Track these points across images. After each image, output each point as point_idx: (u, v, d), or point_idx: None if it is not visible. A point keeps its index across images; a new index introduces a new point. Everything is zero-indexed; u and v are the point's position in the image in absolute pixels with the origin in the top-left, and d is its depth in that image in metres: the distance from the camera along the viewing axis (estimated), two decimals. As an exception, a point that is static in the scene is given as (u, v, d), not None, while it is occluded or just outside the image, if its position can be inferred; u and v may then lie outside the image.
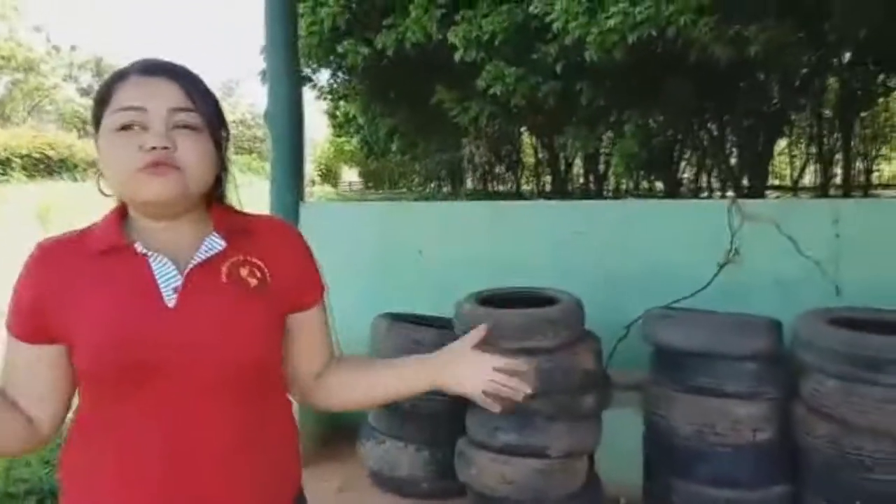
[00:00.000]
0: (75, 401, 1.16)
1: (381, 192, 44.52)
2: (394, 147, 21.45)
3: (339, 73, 16.86)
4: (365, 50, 12.06)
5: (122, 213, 1.16)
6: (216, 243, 1.14)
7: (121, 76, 1.11)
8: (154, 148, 1.05)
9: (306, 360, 1.29)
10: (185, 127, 1.09)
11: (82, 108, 44.55)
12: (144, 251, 1.10)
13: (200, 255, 1.12)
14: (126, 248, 1.10)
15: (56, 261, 1.11)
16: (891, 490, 2.53)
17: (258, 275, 1.16)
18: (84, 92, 47.58)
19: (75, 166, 25.81)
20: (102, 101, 1.11)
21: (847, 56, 14.85)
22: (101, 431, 1.10)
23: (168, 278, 1.09)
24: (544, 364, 2.77)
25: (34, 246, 1.12)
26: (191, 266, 1.11)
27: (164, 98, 1.08)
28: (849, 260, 3.39)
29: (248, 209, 1.28)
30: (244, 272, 1.15)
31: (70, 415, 1.17)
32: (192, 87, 1.12)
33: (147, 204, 1.10)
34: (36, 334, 1.09)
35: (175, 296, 1.08)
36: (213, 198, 1.19)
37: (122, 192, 1.12)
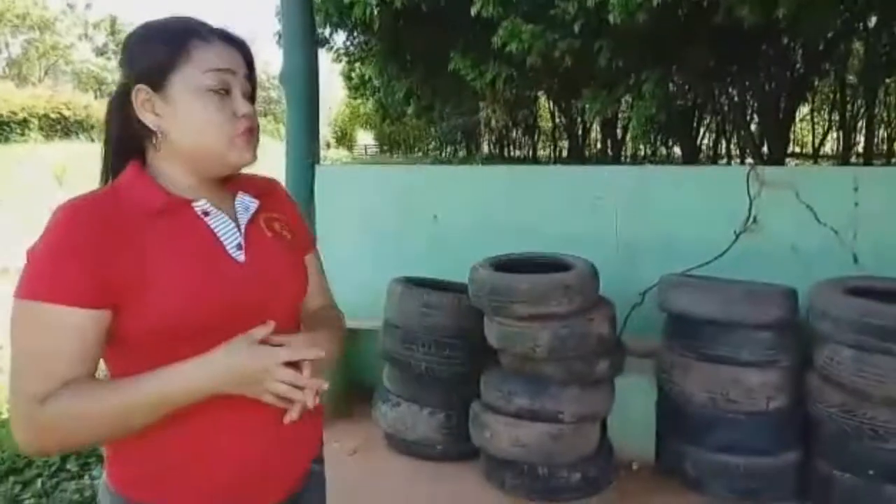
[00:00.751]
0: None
1: (396, 155, 44.38)
2: (409, 110, 21.28)
3: (355, 34, 16.69)
4: (373, 1, 11.87)
5: (144, 171, 1.13)
6: (250, 201, 1.21)
7: (197, 35, 1.10)
8: (246, 115, 1.12)
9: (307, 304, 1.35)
10: (249, 97, 1.16)
11: (98, 69, 44.48)
12: (206, 209, 1.13)
13: (246, 213, 1.19)
14: (182, 207, 1.11)
15: (108, 219, 1.03)
16: (903, 459, 2.54)
17: (288, 228, 1.27)
18: (99, 51, 47.42)
19: (92, 127, 25.86)
20: (174, 57, 1.08)
21: (873, 20, 14.50)
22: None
23: (230, 235, 1.14)
24: (559, 329, 2.78)
25: (61, 208, 1.02)
26: (245, 222, 1.17)
27: (241, 65, 1.14)
28: (867, 229, 3.35)
29: (263, 172, 1.32)
30: (277, 226, 1.24)
31: None
32: (251, 57, 1.17)
33: (233, 167, 1.15)
34: (94, 297, 0.99)
35: (241, 252, 1.14)
36: None
37: (210, 154, 1.12)
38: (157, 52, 1.09)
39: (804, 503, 2.82)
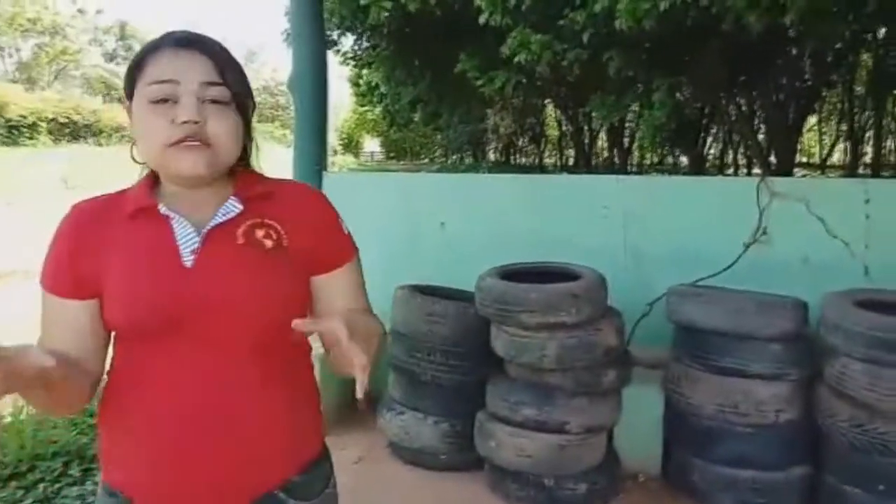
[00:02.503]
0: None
1: (402, 162, 44.41)
2: (416, 117, 21.31)
3: (363, 38, 16.73)
4: (388, 4, 11.90)
5: (154, 177, 1.20)
6: (233, 207, 1.18)
7: (154, 47, 1.13)
8: (186, 122, 1.08)
9: None
10: (214, 101, 1.11)
11: (107, 73, 44.71)
12: (167, 213, 1.15)
13: (217, 218, 1.16)
14: (152, 210, 1.15)
15: (90, 220, 1.16)
16: (915, 475, 2.51)
17: (274, 237, 1.18)
18: (109, 56, 47.72)
19: (100, 131, 26.00)
20: (136, 71, 1.14)
21: (882, 31, 14.47)
22: (132, 386, 1.15)
23: (188, 239, 1.14)
24: (566, 339, 2.76)
25: (70, 207, 1.18)
26: (207, 228, 1.15)
27: (195, 71, 1.10)
28: (878, 241, 3.33)
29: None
30: (260, 234, 1.17)
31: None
32: (222, 60, 1.14)
33: (177, 177, 1.15)
34: (73, 290, 1.14)
35: (192, 257, 1.13)
36: (238, 164, 1.22)
37: (154, 163, 1.16)
38: (128, 68, 1.17)
39: (813, 518, 2.79)
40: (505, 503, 2.94)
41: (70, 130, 24.78)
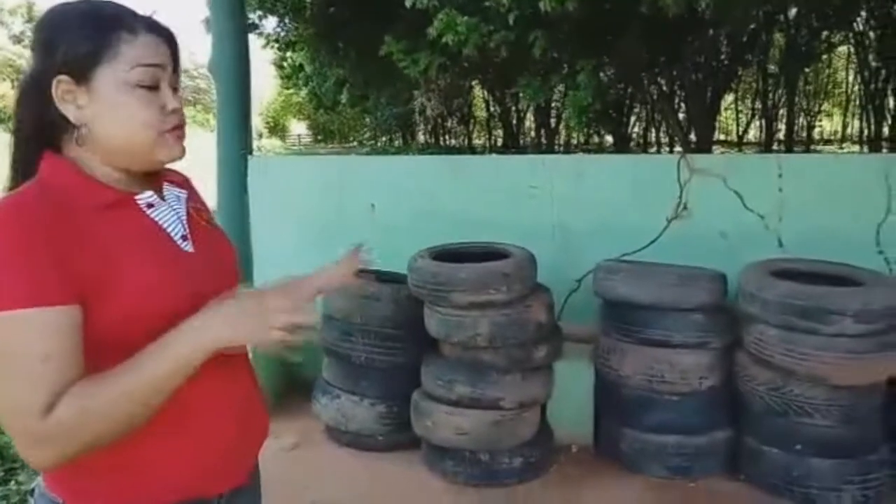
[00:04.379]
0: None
1: (330, 145, 43.84)
2: (343, 99, 21.03)
3: (286, 20, 16.37)
4: None
5: (69, 164, 1.07)
6: (179, 192, 1.20)
7: (125, 26, 1.04)
8: (176, 110, 1.10)
9: None
10: (174, 89, 1.12)
11: (14, 56, 42.49)
12: (151, 202, 1.12)
13: (179, 204, 1.17)
14: (125, 201, 1.08)
15: (52, 217, 0.97)
16: (827, 434, 2.66)
17: (211, 216, 1.27)
18: (17, 39, 45.28)
19: (9, 118, 24.74)
20: (101, 49, 1.03)
21: (793, 12, 15.05)
22: None
23: (174, 226, 1.13)
24: (498, 317, 2.81)
25: (6, 208, 0.97)
26: (184, 214, 1.17)
27: (169, 59, 1.10)
28: (791, 214, 3.48)
29: (194, 164, 1.29)
30: (206, 216, 1.24)
31: None
32: (178, 49, 1.13)
33: (161, 163, 1.12)
34: (64, 295, 0.94)
35: (187, 242, 1.14)
36: None
37: (135, 148, 1.08)
38: (81, 42, 1.02)
39: (735, 478, 2.92)
40: (442, 480, 2.98)
41: (-24, 117, 23.48)
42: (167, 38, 1.10)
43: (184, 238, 1.13)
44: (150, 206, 1.11)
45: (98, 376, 0.95)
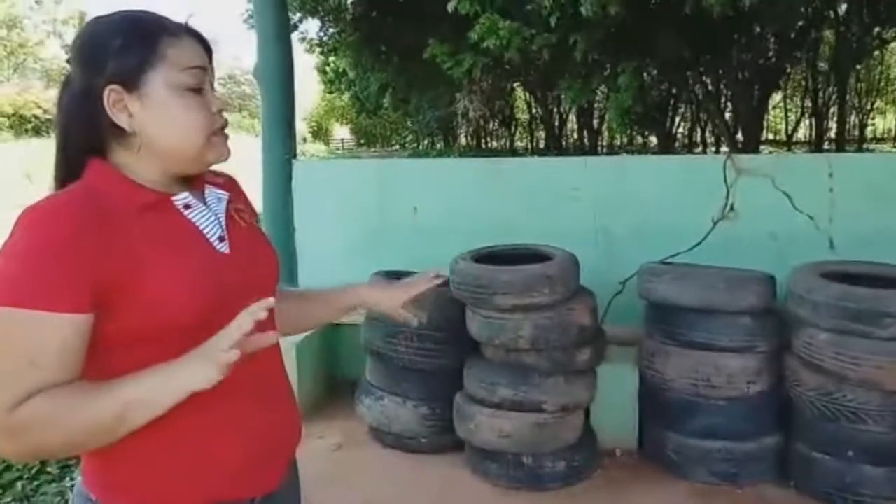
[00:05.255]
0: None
1: (373, 149, 44.20)
2: (385, 103, 21.20)
3: (328, 23, 16.56)
4: None
5: (111, 168, 1.08)
6: (220, 193, 1.20)
7: (168, 32, 1.07)
8: (221, 111, 1.13)
9: None
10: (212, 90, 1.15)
11: (68, 66, 43.72)
12: (188, 202, 1.12)
13: (219, 205, 1.18)
14: (163, 203, 1.09)
15: (86, 220, 0.98)
16: (881, 441, 2.59)
17: (254, 217, 1.28)
18: (69, 48, 46.65)
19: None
20: (148, 56, 1.05)
21: (843, 8, 14.68)
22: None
23: (211, 228, 1.13)
24: (541, 320, 2.79)
25: (34, 209, 0.97)
26: (223, 215, 1.17)
27: (207, 61, 1.13)
28: (842, 214, 3.40)
29: (241, 168, 1.31)
30: (247, 216, 1.24)
31: None
32: (211, 52, 1.16)
33: (209, 164, 1.15)
34: (81, 302, 0.95)
35: (224, 244, 1.14)
36: None
37: (186, 153, 1.10)
38: (128, 51, 1.04)
39: (785, 485, 2.86)
40: (485, 483, 2.98)
41: (32, 125, 24.26)
42: (201, 41, 1.13)
43: (220, 239, 1.13)
44: (186, 206, 1.12)
45: (72, 389, 0.96)
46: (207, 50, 1.14)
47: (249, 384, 1.11)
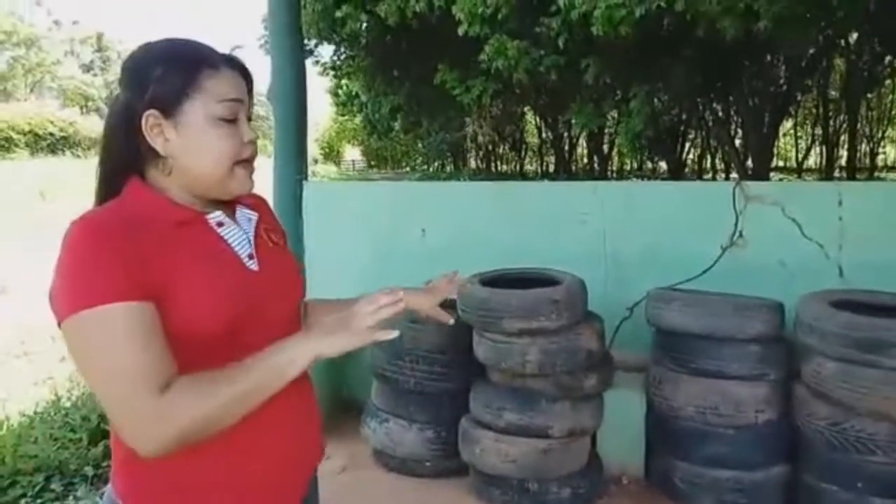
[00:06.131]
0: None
1: (383, 171, 44.38)
2: (397, 126, 21.33)
3: (342, 48, 16.75)
4: (364, 17, 12.00)
5: (150, 188, 1.15)
6: (250, 214, 1.27)
7: (208, 64, 1.13)
8: (252, 141, 1.18)
9: None
10: (249, 120, 1.21)
11: (84, 85, 44.31)
12: (221, 221, 1.18)
13: (249, 225, 1.24)
14: (198, 220, 1.16)
15: (131, 229, 1.05)
16: (890, 472, 2.55)
17: (283, 238, 1.35)
18: (86, 68, 47.28)
19: (78, 143, 25.76)
20: (187, 85, 1.11)
21: (853, 36, 14.72)
22: None
23: (242, 246, 1.19)
24: (548, 345, 2.79)
25: (81, 221, 1.04)
26: (252, 234, 1.23)
27: (246, 93, 1.18)
28: (852, 242, 3.38)
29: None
30: (275, 237, 1.30)
31: None
32: (252, 83, 1.22)
33: (232, 195, 1.19)
34: (140, 293, 1.01)
35: (253, 261, 1.19)
36: None
37: (213, 179, 1.15)
38: (168, 79, 1.10)
39: (793, 517, 2.82)
40: (490, 509, 2.96)
41: (48, 143, 24.53)
42: (243, 73, 1.18)
43: (250, 257, 1.19)
44: (219, 224, 1.18)
45: (206, 372, 1.03)
46: (249, 80, 1.20)
47: (281, 410, 1.15)
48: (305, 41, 14.00)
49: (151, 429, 0.99)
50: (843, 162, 21.10)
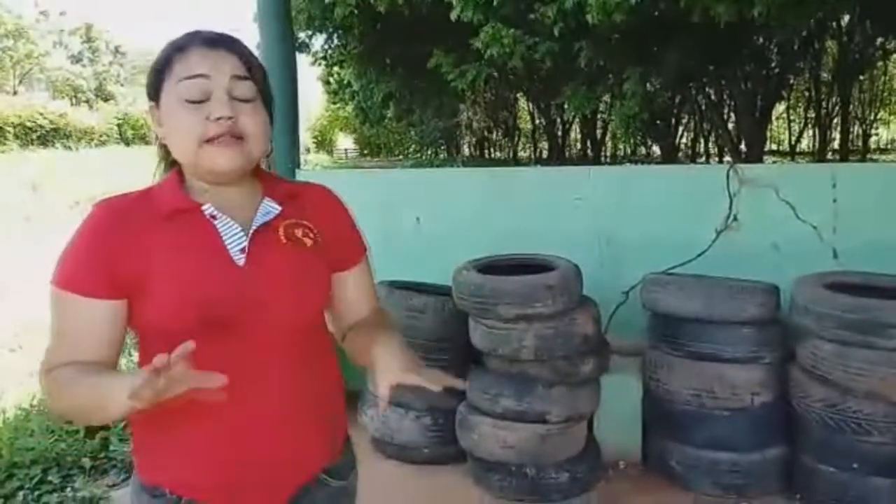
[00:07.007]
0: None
1: (377, 159, 44.26)
2: (389, 113, 21.27)
3: (334, 38, 16.66)
4: (352, 1, 11.91)
5: (180, 175, 1.20)
6: (272, 207, 1.21)
7: (179, 48, 1.14)
8: (219, 118, 1.11)
9: (337, 319, 1.37)
10: (244, 99, 1.15)
11: (73, 76, 43.99)
12: (213, 213, 1.16)
13: (261, 218, 1.19)
14: (193, 211, 1.16)
15: (124, 220, 1.13)
16: (886, 452, 2.57)
17: (311, 235, 1.24)
18: (75, 59, 46.88)
19: (68, 135, 25.61)
20: (160, 72, 1.15)
21: (845, 18, 14.71)
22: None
23: (235, 239, 1.16)
24: (544, 330, 2.79)
25: (94, 205, 1.15)
26: (254, 228, 1.18)
27: (225, 67, 1.13)
28: (846, 224, 3.39)
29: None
30: (299, 233, 1.23)
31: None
32: (248, 57, 1.18)
33: (211, 173, 1.16)
34: (105, 289, 1.10)
35: (243, 256, 1.15)
36: (259, 163, 1.26)
37: (188, 161, 1.16)
38: (153, 69, 1.17)
39: (791, 498, 2.84)
40: (488, 494, 2.96)
41: (38, 135, 24.36)
42: (227, 48, 1.15)
43: (241, 251, 1.15)
44: (212, 216, 1.16)
45: (85, 368, 1.09)
46: (241, 56, 1.16)
47: (243, 409, 1.13)
48: (297, 32, 13.94)
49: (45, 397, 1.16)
50: (836, 144, 21.15)
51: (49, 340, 1.13)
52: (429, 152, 32.25)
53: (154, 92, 1.16)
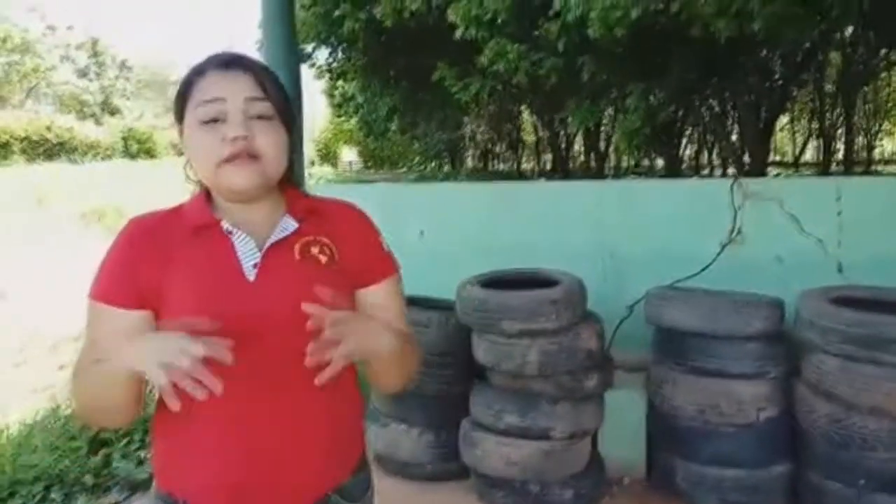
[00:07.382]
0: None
1: (380, 171, 44.32)
2: (393, 126, 21.30)
3: (339, 51, 16.72)
4: (363, 16, 11.99)
5: (208, 193, 1.25)
6: (290, 224, 1.24)
7: (199, 72, 1.19)
8: (235, 138, 1.14)
9: None
10: (260, 117, 1.18)
11: (80, 90, 44.22)
12: (229, 229, 1.20)
13: (276, 235, 1.22)
14: (213, 227, 1.21)
15: (151, 234, 1.20)
16: (892, 468, 2.55)
17: (328, 252, 1.26)
18: (81, 73, 47.13)
19: (74, 149, 25.72)
20: (183, 96, 1.20)
21: (849, 30, 14.71)
22: (191, 399, 1.02)
23: (249, 255, 1.20)
24: (547, 346, 2.78)
25: (129, 221, 1.23)
26: (268, 244, 1.21)
27: (239, 88, 1.17)
28: (851, 238, 3.38)
29: None
30: (315, 250, 1.24)
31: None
32: (264, 77, 1.21)
33: (230, 192, 1.20)
34: (133, 300, 1.16)
35: (254, 271, 1.18)
36: (286, 180, 1.28)
37: (209, 181, 1.21)
38: (177, 93, 1.22)
39: (796, 514, 2.82)
40: (492, 511, 2.95)
41: (44, 149, 24.46)
42: (243, 68, 1.19)
43: (254, 266, 1.19)
44: (229, 232, 1.20)
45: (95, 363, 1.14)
46: (256, 75, 1.19)
47: (255, 425, 1.17)
48: (302, 45, 14.01)
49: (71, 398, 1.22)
50: (840, 155, 21.10)
51: (82, 346, 1.20)
52: (432, 164, 32.31)
53: (179, 115, 1.21)
